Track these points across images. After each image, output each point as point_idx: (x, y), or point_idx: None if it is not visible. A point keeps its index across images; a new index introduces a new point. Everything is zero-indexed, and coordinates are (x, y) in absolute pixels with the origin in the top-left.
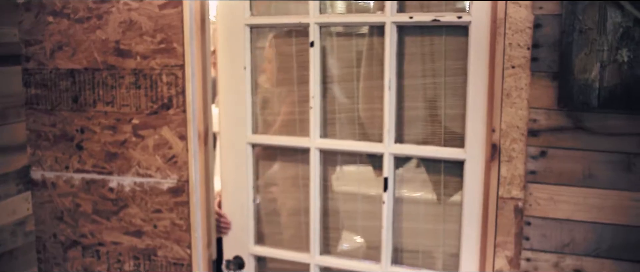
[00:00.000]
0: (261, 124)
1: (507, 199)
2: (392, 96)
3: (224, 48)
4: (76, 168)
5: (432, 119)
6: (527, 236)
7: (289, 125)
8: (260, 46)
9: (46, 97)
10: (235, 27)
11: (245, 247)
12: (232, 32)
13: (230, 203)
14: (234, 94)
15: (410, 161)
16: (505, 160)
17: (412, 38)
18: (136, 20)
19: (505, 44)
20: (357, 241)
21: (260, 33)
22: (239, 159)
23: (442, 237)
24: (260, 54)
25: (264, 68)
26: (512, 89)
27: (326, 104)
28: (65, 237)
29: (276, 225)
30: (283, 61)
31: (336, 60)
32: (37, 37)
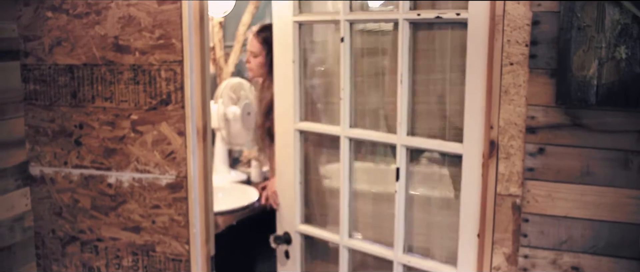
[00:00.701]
0: (307, 113)
1: (505, 196)
2: (405, 90)
3: (278, 42)
4: (75, 164)
5: (440, 113)
6: (525, 232)
7: (329, 115)
8: (314, 41)
9: (45, 92)
10: (285, 24)
11: (292, 225)
12: (283, 28)
13: (282, 185)
14: (284, 85)
15: (424, 153)
16: (503, 157)
17: (424, 35)
18: (135, 16)
19: (504, 40)
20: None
21: (310, 29)
22: (288, 144)
23: (447, 230)
24: (311, 47)
25: (312, 61)
26: (510, 86)
27: (357, 96)
28: (64, 232)
29: (322, 206)
30: (323, 55)
31: (364, 55)
32: (36, 32)
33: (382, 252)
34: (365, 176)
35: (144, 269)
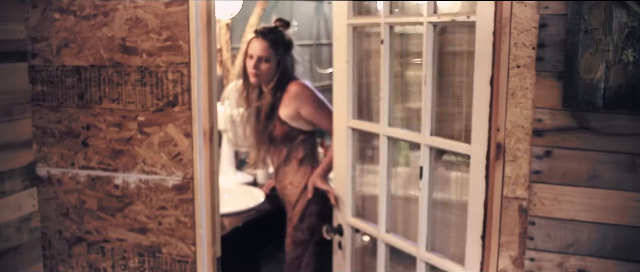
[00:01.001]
0: (358, 111)
1: (511, 198)
2: (428, 91)
3: (336, 43)
4: (82, 165)
5: (459, 115)
6: (531, 235)
7: (375, 113)
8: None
9: (52, 93)
10: (341, 26)
11: (344, 217)
12: (339, 31)
13: (337, 179)
14: (340, 84)
15: (445, 154)
16: (510, 160)
17: (448, 38)
18: (142, 18)
19: (511, 43)
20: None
21: (366, 31)
22: (342, 140)
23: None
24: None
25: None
26: (517, 89)
27: (394, 96)
28: (71, 233)
29: (369, 201)
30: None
31: (400, 57)
32: (44, 34)
33: (409, 249)
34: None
35: (150, 271)
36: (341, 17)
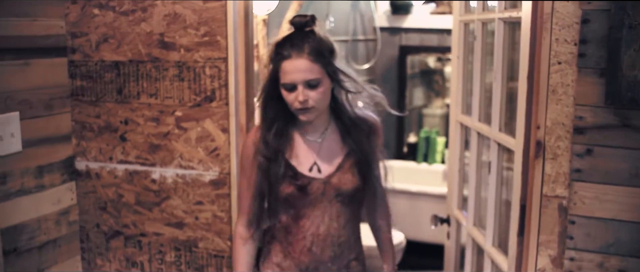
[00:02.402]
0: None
1: (551, 197)
2: (498, 86)
3: (454, 38)
4: (120, 159)
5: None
6: (571, 235)
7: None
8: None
9: (91, 88)
10: (455, 23)
11: (451, 209)
12: (455, 26)
13: (449, 172)
14: (453, 79)
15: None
16: (550, 157)
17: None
18: (180, 13)
19: (552, 39)
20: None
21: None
22: (454, 134)
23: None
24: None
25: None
26: (558, 86)
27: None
28: (108, 227)
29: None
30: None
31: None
32: (83, 29)
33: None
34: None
35: (186, 265)
36: (456, 13)
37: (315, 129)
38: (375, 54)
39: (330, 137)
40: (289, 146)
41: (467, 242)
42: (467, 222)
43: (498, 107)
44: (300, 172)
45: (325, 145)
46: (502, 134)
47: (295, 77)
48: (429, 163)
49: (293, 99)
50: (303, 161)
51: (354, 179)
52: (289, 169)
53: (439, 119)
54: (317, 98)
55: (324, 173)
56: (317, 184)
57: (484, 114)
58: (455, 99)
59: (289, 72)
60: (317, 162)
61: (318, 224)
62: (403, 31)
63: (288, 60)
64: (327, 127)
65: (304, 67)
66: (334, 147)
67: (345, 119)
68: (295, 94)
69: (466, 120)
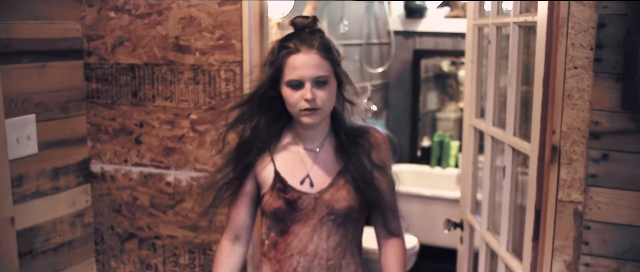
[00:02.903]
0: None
1: (566, 202)
2: (513, 91)
3: (468, 42)
4: (134, 162)
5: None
6: (587, 240)
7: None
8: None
9: (107, 91)
10: (469, 27)
11: (464, 213)
12: (469, 30)
13: (462, 176)
14: (466, 83)
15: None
16: (565, 162)
17: (533, 38)
18: (196, 17)
19: (568, 44)
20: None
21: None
22: (467, 138)
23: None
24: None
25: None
26: (573, 90)
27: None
28: (123, 229)
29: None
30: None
31: (504, 57)
32: (99, 32)
33: (494, 246)
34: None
35: (200, 268)
36: (470, 17)
37: (314, 138)
38: (389, 57)
39: (328, 149)
40: (280, 154)
41: (480, 247)
42: (481, 226)
43: (513, 111)
44: (291, 185)
45: (322, 156)
46: (516, 138)
47: (304, 72)
48: (442, 167)
49: (298, 98)
50: (295, 173)
51: (349, 197)
52: (279, 181)
53: (453, 123)
54: (324, 98)
55: (316, 188)
56: (307, 200)
57: (498, 118)
58: (469, 103)
59: (297, 67)
60: (310, 175)
61: (306, 243)
62: (417, 35)
63: (296, 54)
64: (326, 137)
65: (314, 62)
66: (330, 160)
67: (344, 130)
68: (302, 92)
69: (480, 125)
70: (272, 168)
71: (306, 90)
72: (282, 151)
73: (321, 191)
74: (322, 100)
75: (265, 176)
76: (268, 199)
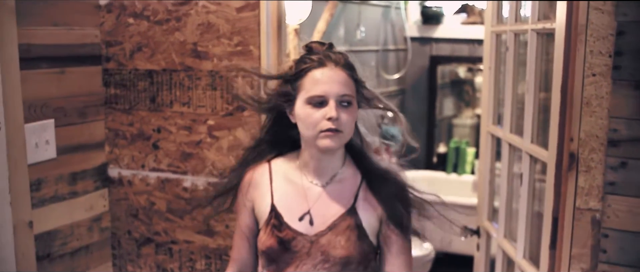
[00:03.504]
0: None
1: (584, 210)
2: (530, 98)
3: (485, 49)
4: (152, 167)
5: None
6: (604, 248)
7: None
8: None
9: (125, 96)
10: (487, 33)
11: (481, 220)
12: (487, 37)
13: (479, 183)
14: (484, 89)
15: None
16: (583, 170)
17: (551, 44)
18: (214, 23)
19: (586, 51)
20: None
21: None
22: (485, 145)
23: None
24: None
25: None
26: (592, 98)
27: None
28: (140, 234)
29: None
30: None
31: (521, 64)
32: (118, 38)
33: (511, 253)
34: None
35: None
36: (488, 24)
37: (323, 171)
38: (406, 64)
39: (336, 186)
40: (281, 186)
41: (497, 254)
42: (498, 233)
43: (530, 118)
44: (286, 223)
45: (328, 193)
46: (534, 145)
47: (329, 88)
48: (458, 174)
49: (319, 117)
50: (295, 208)
51: (348, 245)
52: (274, 216)
53: (469, 129)
54: (348, 121)
55: (315, 228)
56: (302, 242)
57: (516, 125)
58: (486, 109)
59: (321, 82)
60: (312, 212)
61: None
62: (434, 41)
63: (320, 68)
64: (337, 172)
65: (340, 78)
66: (336, 199)
67: (365, 167)
68: (324, 111)
69: (498, 132)
70: (269, 201)
71: (330, 108)
72: (283, 183)
73: (319, 233)
74: (345, 124)
75: (263, 210)
76: (262, 236)
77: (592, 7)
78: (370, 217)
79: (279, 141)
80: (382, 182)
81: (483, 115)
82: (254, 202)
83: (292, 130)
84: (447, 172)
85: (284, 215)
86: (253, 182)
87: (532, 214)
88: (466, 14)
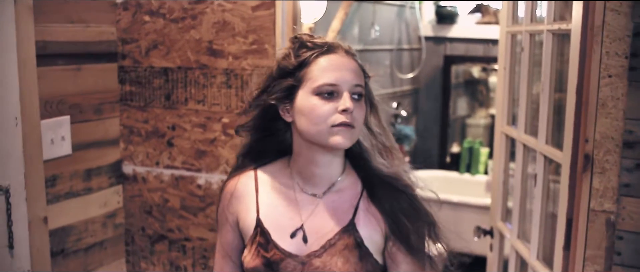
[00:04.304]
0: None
1: (598, 211)
2: (545, 99)
3: (500, 49)
4: (166, 164)
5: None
6: (619, 250)
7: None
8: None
9: (140, 94)
10: (502, 34)
11: (495, 221)
12: (502, 37)
13: (493, 183)
14: (500, 91)
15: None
16: (598, 171)
17: (567, 45)
18: (229, 21)
19: (603, 52)
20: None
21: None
22: (499, 146)
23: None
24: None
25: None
26: (607, 99)
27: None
28: (153, 231)
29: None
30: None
31: (537, 65)
32: (133, 35)
33: (525, 254)
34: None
35: None
36: (502, 24)
37: (321, 179)
38: (420, 63)
39: (335, 196)
40: (268, 198)
41: (510, 255)
42: (511, 234)
43: (545, 119)
44: (274, 241)
45: (325, 205)
46: (549, 146)
47: (342, 76)
48: (471, 174)
49: (330, 110)
50: (285, 223)
51: (347, 268)
52: (260, 233)
53: (483, 129)
54: (360, 116)
55: (309, 247)
56: (292, 263)
57: (530, 126)
58: (500, 110)
59: (332, 69)
60: (305, 228)
61: None
62: (448, 41)
63: (329, 55)
64: (336, 182)
65: (352, 66)
66: (334, 211)
67: (366, 173)
68: (335, 103)
69: (512, 132)
70: (255, 215)
71: (344, 99)
72: (272, 193)
73: (312, 254)
74: (358, 119)
75: (247, 225)
76: (246, 255)
77: (609, 8)
78: (373, 233)
79: (268, 147)
80: (385, 190)
81: (497, 115)
82: (237, 215)
83: (283, 134)
84: (460, 172)
85: (271, 232)
86: (236, 193)
87: (546, 215)
88: (481, 14)
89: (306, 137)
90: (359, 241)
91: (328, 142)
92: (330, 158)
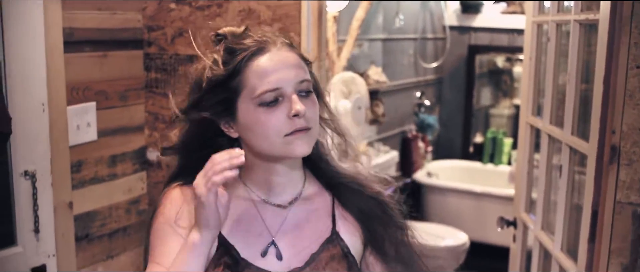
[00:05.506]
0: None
1: (625, 204)
2: (572, 90)
3: (526, 39)
4: None
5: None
6: None
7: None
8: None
9: (165, 81)
10: (528, 23)
11: (518, 211)
12: (528, 27)
13: (517, 173)
14: (525, 81)
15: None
16: (624, 163)
17: (594, 36)
18: (255, 9)
19: (631, 43)
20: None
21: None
22: (523, 136)
23: None
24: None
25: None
26: (635, 90)
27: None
28: None
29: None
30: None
31: (563, 55)
32: (159, 23)
33: (549, 246)
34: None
35: None
36: (529, 14)
37: (284, 188)
38: (444, 52)
39: (304, 206)
40: (229, 211)
41: (533, 246)
42: (535, 225)
43: (571, 110)
44: (245, 260)
45: (296, 216)
46: (574, 137)
47: (284, 76)
48: (495, 164)
49: (280, 118)
50: (252, 240)
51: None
52: (225, 252)
53: (506, 119)
54: (314, 113)
55: (286, 265)
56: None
57: (556, 116)
58: (526, 100)
59: (270, 72)
60: (277, 244)
61: None
62: (472, 30)
63: (262, 55)
64: (303, 187)
65: (292, 60)
66: (309, 222)
67: (328, 177)
68: (283, 109)
69: (537, 123)
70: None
71: (293, 102)
72: (232, 206)
73: (295, 270)
74: (312, 118)
75: None
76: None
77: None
78: (355, 241)
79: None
80: (355, 196)
81: (522, 106)
82: (191, 228)
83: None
84: (484, 162)
85: (240, 250)
86: (188, 199)
87: (570, 206)
88: (506, 4)
89: (258, 152)
90: (346, 251)
91: (285, 154)
92: (291, 163)
